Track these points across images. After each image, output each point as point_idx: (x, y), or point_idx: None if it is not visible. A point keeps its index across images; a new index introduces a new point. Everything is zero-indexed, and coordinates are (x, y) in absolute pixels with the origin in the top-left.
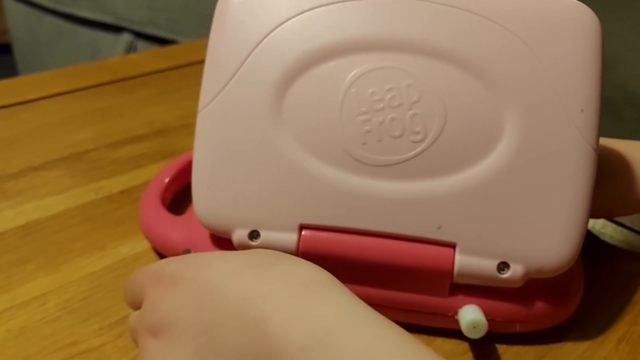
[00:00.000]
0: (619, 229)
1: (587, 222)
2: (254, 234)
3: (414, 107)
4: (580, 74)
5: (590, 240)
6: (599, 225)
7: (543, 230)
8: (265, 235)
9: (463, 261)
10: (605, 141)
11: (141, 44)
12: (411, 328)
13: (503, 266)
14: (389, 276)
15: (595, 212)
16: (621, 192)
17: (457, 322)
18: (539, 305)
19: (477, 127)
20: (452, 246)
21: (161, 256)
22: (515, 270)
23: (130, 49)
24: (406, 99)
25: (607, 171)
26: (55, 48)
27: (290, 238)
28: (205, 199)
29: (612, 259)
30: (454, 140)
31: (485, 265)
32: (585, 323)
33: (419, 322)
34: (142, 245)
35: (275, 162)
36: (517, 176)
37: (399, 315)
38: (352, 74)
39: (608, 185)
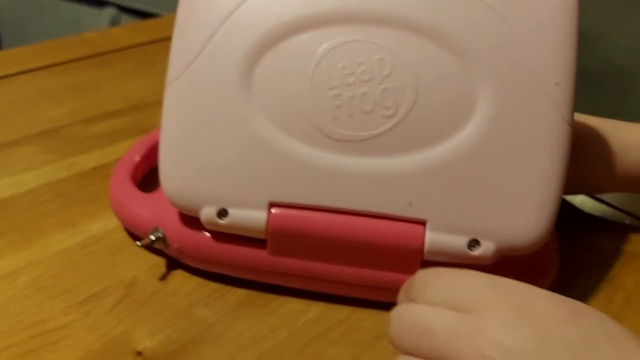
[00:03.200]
0: (599, 204)
1: (560, 198)
2: (222, 212)
3: (385, 82)
4: (555, 46)
5: (569, 217)
6: (578, 201)
7: (515, 206)
8: (234, 214)
9: (433, 238)
10: (582, 117)
11: (125, 18)
12: (383, 305)
13: (474, 243)
14: (360, 254)
15: (571, 188)
16: (597, 169)
17: None
18: None
19: (449, 102)
20: (423, 223)
21: (130, 234)
22: (486, 248)
23: (114, 23)
24: (377, 73)
25: (583, 147)
26: (38, 23)
27: (259, 216)
28: (173, 176)
29: (590, 236)
30: (425, 115)
31: (456, 242)
32: None
33: (391, 299)
34: (113, 222)
35: (245, 139)
36: (490, 152)
37: (372, 292)
38: (322, 47)
39: (584, 161)
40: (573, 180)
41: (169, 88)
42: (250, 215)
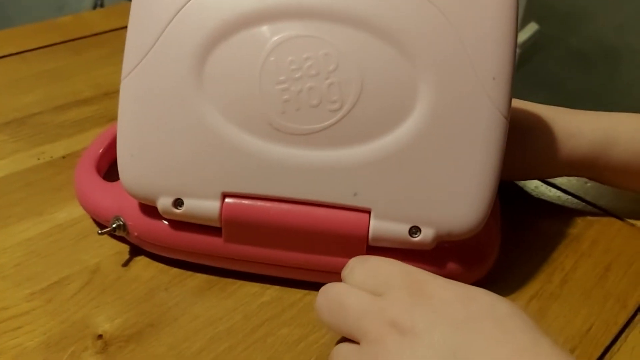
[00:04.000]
0: (551, 189)
1: (496, 188)
2: (178, 202)
3: (331, 76)
4: (492, 41)
5: (519, 201)
6: (532, 186)
7: (453, 195)
8: (189, 204)
9: (377, 226)
10: (524, 105)
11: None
12: None
13: (415, 230)
14: (309, 241)
15: (516, 173)
16: (540, 155)
17: None
18: (453, 267)
19: (392, 95)
20: (368, 212)
21: (96, 222)
22: (426, 234)
23: (97, 4)
24: (323, 68)
25: (526, 134)
26: (22, 3)
27: (213, 206)
28: (130, 168)
29: (537, 219)
30: (369, 109)
31: (398, 229)
32: (500, 281)
33: None
34: (79, 210)
35: (197, 131)
36: (429, 144)
37: (323, 276)
38: (271, 42)
39: (528, 148)
40: (517, 166)
41: (123, 82)
42: (205, 205)
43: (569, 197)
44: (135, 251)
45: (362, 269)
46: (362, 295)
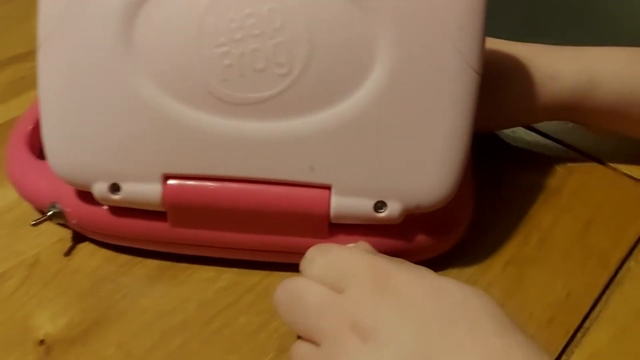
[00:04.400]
0: (529, 133)
1: (467, 152)
2: (115, 187)
3: (276, 35)
4: None
5: (495, 151)
6: (508, 130)
7: (420, 164)
8: (127, 188)
9: (339, 202)
10: (501, 44)
11: None
12: (296, 267)
13: (380, 205)
14: (266, 221)
15: (491, 122)
16: (517, 101)
17: None
18: (422, 238)
19: (347, 55)
20: (328, 188)
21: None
22: (392, 209)
23: None
24: (268, 26)
25: (502, 78)
26: None
27: (154, 189)
28: (57, 151)
29: (513, 170)
30: (322, 72)
31: (362, 205)
32: (473, 247)
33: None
34: (13, 194)
35: (130, 106)
36: (391, 107)
37: (283, 257)
38: None
39: (503, 94)
40: (492, 115)
41: (40, 50)
42: (145, 189)
43: (549, 141)
44: (79, 237)
45: (322, 261)
46: (322, 291)
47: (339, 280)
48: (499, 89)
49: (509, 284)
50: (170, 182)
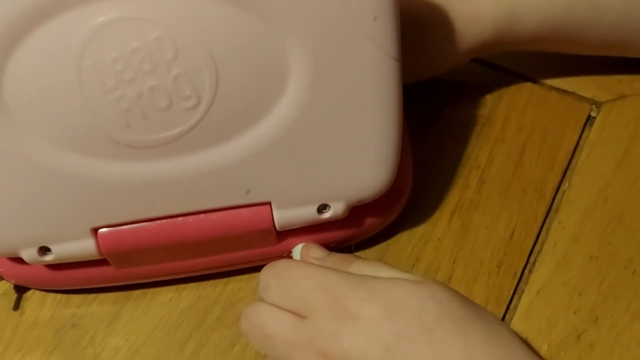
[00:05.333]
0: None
1: (400, 135)
2: (44, 249)
3: (173, 67)
4: None
5: (423, 83)
6: None
7: (355, 163)
8: (58, 249)
9: (281, 215)
10: None
11: None
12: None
13: (323, 207)
14: (212, 246)
15: (417, 75)
16: (441, 50)
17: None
18: (369, 220)
19: (257, 72)
20: (268, 204)
21: None
22: (336, 208)
23: None
24: (160, 58)
25: (423, 29)
26: None
27: (87, 244)
28: None
29: (443, 104)
30: (235, 95)
31: (305, 212)
32: (419, 200)
33: (261, 263)
34: None
35: (29, 172)
36: (315, 115)
37: (237, 267)
38: (78, 40)
39: (426, 46)
40: (417, 69)
41: None
42: (77, 246)
43: (475, 64)
44: (21, 286)
45: (277, 287)
46: (285, 321)
47: (297, 308)
48: (419, 42)
49: (457, 234)
50: (102, 231)
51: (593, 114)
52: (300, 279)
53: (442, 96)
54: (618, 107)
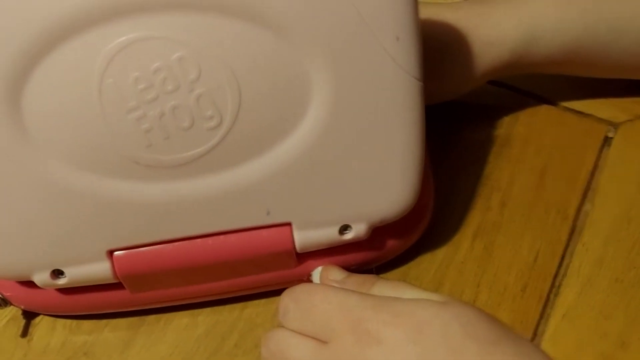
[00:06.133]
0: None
1: (423, 157)
2: (58, 272)
3: (196, 87)
4: None
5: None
6: None
7: (378, 183)
8: (72, 272)
9: (302, 237)
10: (435, 13)
11: None
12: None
13: (345, 228)
14: (231, 269)
15: (435, 98)
16: (460, 73)
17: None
18: (391, 242)
19: (280, 90)
20: (288, 224)
21: None
22: (358, 230)
23: None
24: (183, 78)
25: (444, 53)
26: None
27: (102, 267)
28: None
29: (462, 125)
30: (257, 115)
31: (326, 233)
32: (441, 222)
33: (280, 287)
34: None
35: (42, 191)
36: (338, 134)
37: (255, 291)
38: (100, 58)
39: (445, 71)
40: (435, 91)
41: None
42: (92, 269)
43: (490, 86)
44: (30, 312)
45: (296, 312)
46: (306, 347)
47: (318, 333)
48: (439, 65)
49: (480, 257)
50: (118, 253)
51: (610, 135)
52: (321, 303)
53: (458, 117)
54: (635, 127)
